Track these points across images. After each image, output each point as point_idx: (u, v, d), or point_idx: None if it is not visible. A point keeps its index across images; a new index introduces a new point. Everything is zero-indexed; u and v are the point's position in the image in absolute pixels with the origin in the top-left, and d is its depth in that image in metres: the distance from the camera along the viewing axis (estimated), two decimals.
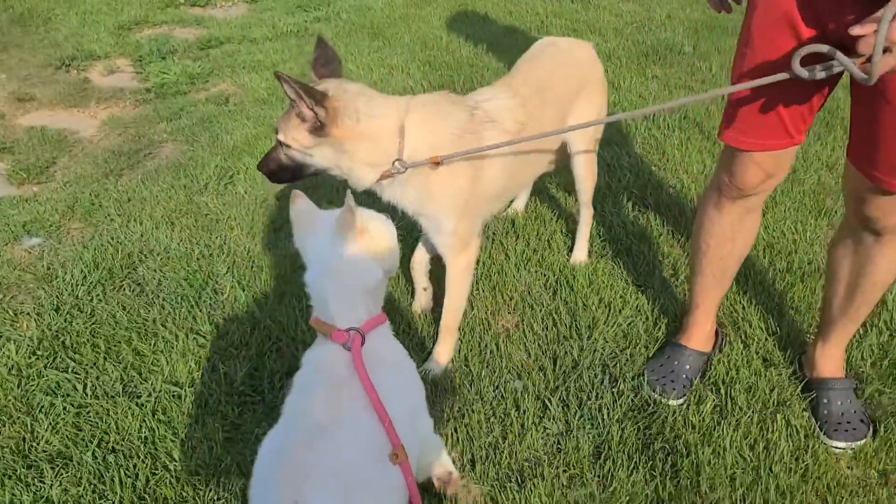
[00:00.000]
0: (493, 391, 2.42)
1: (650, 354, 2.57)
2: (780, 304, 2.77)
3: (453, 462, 2.16)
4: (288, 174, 2.28)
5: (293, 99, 2.06)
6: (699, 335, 2.49)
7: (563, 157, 2.95)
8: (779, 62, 1.80)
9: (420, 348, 2.66)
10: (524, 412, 2.32)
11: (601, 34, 5.83)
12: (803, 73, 1.63)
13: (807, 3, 1.73)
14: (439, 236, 2.41)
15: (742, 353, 2.52)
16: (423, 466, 1.79)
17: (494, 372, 2.50)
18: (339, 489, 1.34)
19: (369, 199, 2.30)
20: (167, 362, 2.55)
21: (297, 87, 2.00)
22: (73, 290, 2.97)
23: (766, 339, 2.60)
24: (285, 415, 1.53)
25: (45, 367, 2.55)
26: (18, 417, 2.35)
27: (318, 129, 2.10)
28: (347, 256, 1.61)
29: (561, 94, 2.64)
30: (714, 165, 3.69)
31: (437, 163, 2.21)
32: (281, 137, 2.18)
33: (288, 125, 2.15)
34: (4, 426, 2.33)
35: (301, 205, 1.75)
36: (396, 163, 2.20)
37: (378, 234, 1.67)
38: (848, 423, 2.22)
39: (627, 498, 2.04)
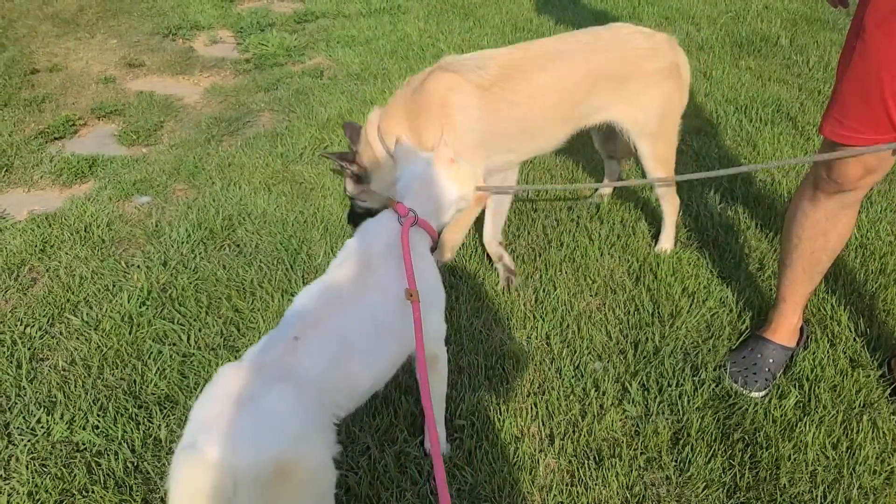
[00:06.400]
0: (574, 370, 2.48)
1: (733, 346, 2.57)
2: (871, 305, 2.72)
3: (532, 436, 2.24)
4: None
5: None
6: (784, 329, 2.47)
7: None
8: (893, 53, 1.78)
9: (521, 325, 2.71)
10: (603, 393, 2.37)
11: (694, 22, 5.71)
12: None
13: None
14: None
15: (828, 352, 2.50)
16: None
17: (574, 352, 2.55)
18: (336, 346, 1.65)
19: None
20: (263, 320, 2.70)
21: None
22: (178, 247, 3.16)
23: (855, 340, 2.56)
24: (326, 276, 1.84)
25: (153, 316, 2.74)
26: (130, 361, 2.54)
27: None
28: (437, 171, 2.06)
29: (581, 71, 2.62)
30: None
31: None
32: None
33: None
34: (118, 368, 2.52)
35: (406, 143, 2.28)
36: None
37: (464, 168, 2.11)
38: None
39: (704, 484, 2.08)
